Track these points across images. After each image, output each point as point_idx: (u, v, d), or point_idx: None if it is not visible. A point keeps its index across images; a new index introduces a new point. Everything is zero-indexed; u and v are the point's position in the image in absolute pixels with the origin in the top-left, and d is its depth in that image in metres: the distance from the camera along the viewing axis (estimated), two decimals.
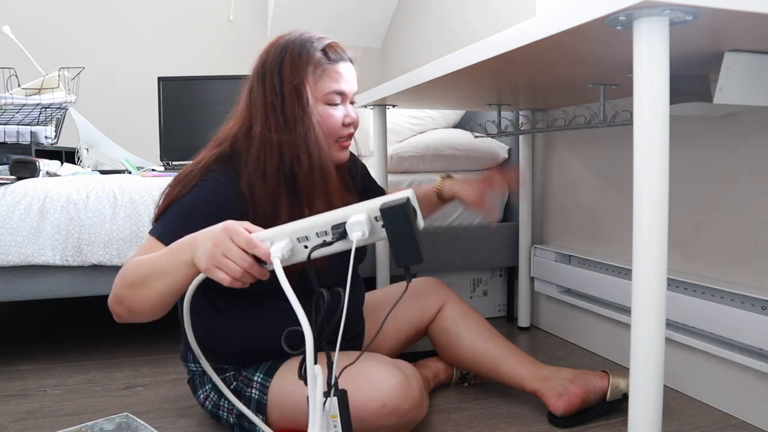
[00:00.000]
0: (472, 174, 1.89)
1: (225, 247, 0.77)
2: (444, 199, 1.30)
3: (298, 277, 0.77)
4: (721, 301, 1.16)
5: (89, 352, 1.61)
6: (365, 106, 1.58)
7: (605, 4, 0.65)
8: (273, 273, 0.76)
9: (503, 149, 1.90)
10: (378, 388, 0.94)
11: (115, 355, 1.58)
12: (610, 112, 1.25)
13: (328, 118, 1.03)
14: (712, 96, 0.87)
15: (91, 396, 1.30)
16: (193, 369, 1.10)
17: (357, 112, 1.09)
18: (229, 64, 2.95)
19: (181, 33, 3.01)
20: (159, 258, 0.85)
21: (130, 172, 1.88)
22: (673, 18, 0.66)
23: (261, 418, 1.00)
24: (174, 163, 2.16)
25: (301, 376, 0.70)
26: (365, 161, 1.30)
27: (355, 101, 1.10)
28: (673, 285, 1.26)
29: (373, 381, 0.95)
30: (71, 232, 1.41)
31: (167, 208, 0.98)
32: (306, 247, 0.78)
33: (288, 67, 1.00)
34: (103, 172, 1.89)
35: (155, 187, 1.49)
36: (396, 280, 1.63)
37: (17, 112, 1.87)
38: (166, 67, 2.82)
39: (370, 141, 1.63)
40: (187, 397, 1.26)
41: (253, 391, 1.01)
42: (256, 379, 1.02)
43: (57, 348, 1.64)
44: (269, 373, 1.02)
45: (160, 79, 2.23)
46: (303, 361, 0.70)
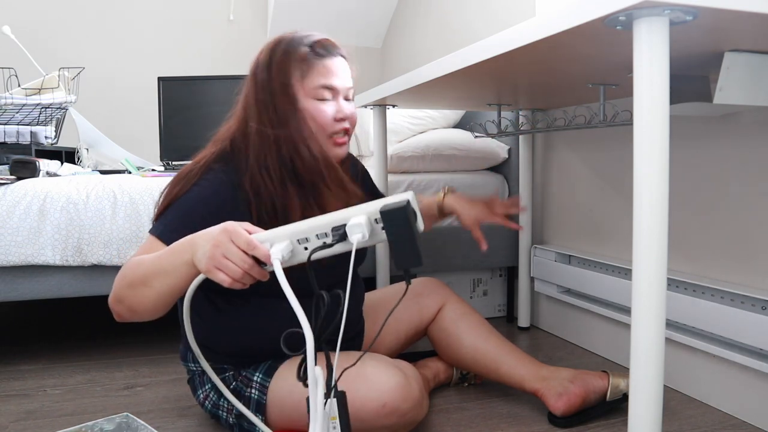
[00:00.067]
0: (471, 174, 1.89)
1: (225, 248, 0.77)
2: (444, 214, 1.32)
3: (297, 278, 0.77)
4: (721, 301, 1.16)
5: (89, 352, 1.61)
6: (365, 106, 1.58)
7: (605, 4, 0.65)
8: (273, 274, 0.76)
9: (503, 149, 1.90)
10: (378, 388, 0.94)
11: (115, 355, 1.58)
12: (610, 112, 1.25)
13: (317, 114, 1.02)
14: (712, 96, 0.87)
15: (91, 396, 1.30)
16: (193, 369, 1.10)
17: (353, 109, 1.08)
18: (229, 64, 2.96)
19: (181, 33, 3.01)
20: (159, 258, 0.85)
21: (130, 172, 1.88)
22: (673, 18, 0.66)
23: (260, 418, 1.00)
24: (174, 163, 2.16)
25: (300, 377, 0.70)
26: (365, 161, 1.30)
27: (351, 98, 1.09)
28: (673, 285, 1.26)
29: (372, 381, 0.95)
30: (71, 232, 1.41)
31: (167, 207, 0.98)
32: (306, 248, 0.78)
33: (276, 64, 1.01)
34: (103, 172, 1.89)
35: (155, 187, 1.49)
36: (396, 280, 1.63)
37: (17, 112, 1.87)
38: (166, 67, 2.82)
39: (370, 141, 1.63)
40: (187, 397, 1.26)
41: (253, 391, 1.01)
42: (255, 379, 1.02)
43: (57, 348, 1.64)
44: (269, 373, 1.02)
45: (160, 79, 2.23)
46: (302, 363, 0.70)
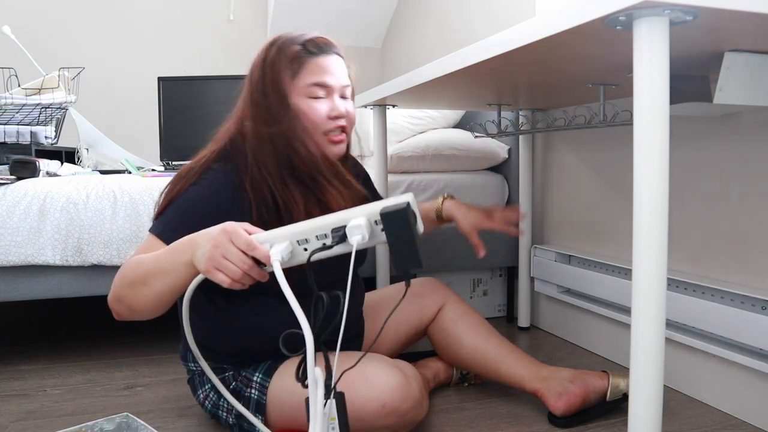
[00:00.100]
0: (471, 174, 1.89)
1: (225, 248, 0.77)
2: (442, 220, 1.32)
3: (297, 278, 0.77)
4: (721, 301, 1.16)
5: (89, 352, 1.61)
6: (365, 106, 1.58)
7: (605, 4, 0.65)
8: (272, 274, 0.76)
9: (503, 149, 1.90)
10: (377, 388, 0.94)
11: (115, 355, 1.58)
12: (610, 112, 1.25)
13: (310, 112, 1.02)
14: (712, 96, 0.87)
15: (91, 396, 1.30)
16: (193, 369, 1.10)
17: (349, 107, 1.07)
18: (229, 64, 2.96)
19: (181, 33, 3.01)
20: (159, 257, 0.85)
21: (130, 172, 1.88)
22: (673, 18, 0.66)
23: (260, 419, 1.00)
24: (174, 163, 2.16)
25: (299, 378, 0.70)
26: (365, 161, 1.30)
27: (348, 96, 1.08)
28: (673, 285, 1.26)
29: (372, 381, 0.95)
30: (71, 232, 1.41)
31: (167, 206, 0.98)
32: (306, 249, 0.77)
33: (269, 64, 1.02)
34: (103, 172, 1.89)
35: (155, 187, 1.49)
36: (396, 280, 1.63)
37: (17, 112, 1.87)
38: (166, 67, 2.82)
39: (370, 141, 1.63)
40: (187, 397, 1.26)
41: (253, 391, 1.01)
42: (255, 379, 1.02)
43: (57, 348, 1.64)
44: (268, 373, 1.02)
45: (160, 79, 2.23)
46: (300, 364, 0.70)
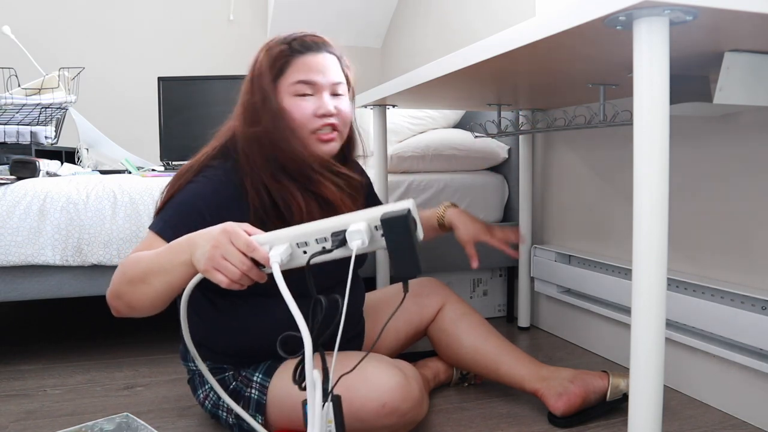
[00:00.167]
0: (471, 174, 1.89)
1: (224, 249, 0.78)
2: (444, 228, 1.32)
3: (296, 279, 0.77)
4: (721, 301, 1.16)
5: (89, 352, 1.61)
6: (365, 106, 1.58)
7: (605, 4, 0.65)
8: (271, 275, 0.76)
9: (503, 149, 1.90)
10: (377, 388, 0.94)
11: (115, 355, 1.58)
12: (610, 112, 1.25)
13: (295, 110, 1.01)
14: (712, 96, 0.87)
15: (91, 396, 1.30)
16: (193, 369, 1.10)
17: (341, 104, 1.05)
18: (229, 64, 2.95)
19: (181, 33, 3.01)
20: (158, 256, 0.86)
21: (130, 172, 1.88)
22: (673, 18, 0.66)
23: (260, 419, 1.00)
24: (174, 163, 2.16)
25: (296, 381, 0.70)
26: (365, 161, 1.30)
27: (340, 93, 1.05)
28: (673, 285, 1.26)
29: (372, 381, 0.95)
30: (71, 232, 1.41)
31: (167, 203, 0.99)
32: (305, 252, 0.77)
33: (256, 65, 1.04)
34: (103, 172, 1.89)
35: (155, 187, 1.49)
36: (396, 281, 1.63)
37: (17, 112, 1.87)
38: (166, 67, 2.82)
39: (370, 141, 1.63)
40: (187, 397, 1.26)
41: (253, 391, 1.01)
42: (255, 379, 1.02)
43: (57, 348, 1.64)
44: (268, 373, 1.02)
45: (160, 79, 2.23)
46: (297, 366, 0.70)
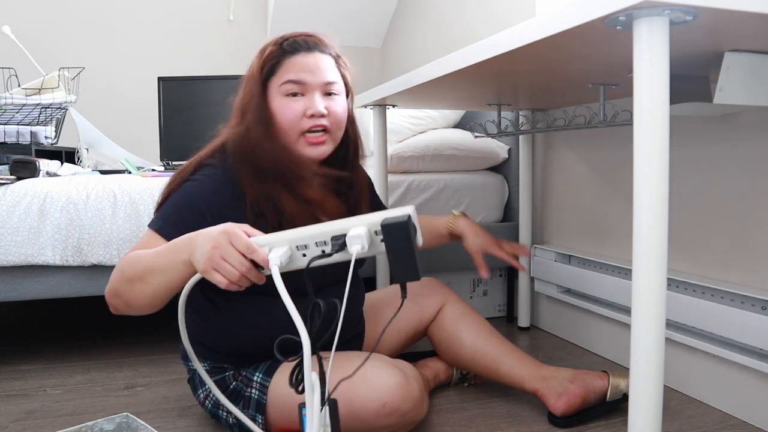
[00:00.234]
0: (471, 174, 1.89)
1: (224, 250, 0.78)
2: (453, 236, 1.32)
3: (296, 278, 0.77)
4: (721, 301, 1.16)
5: (89, 352, 1.61)
6: (365, 106, 1.58)
7: (605, 4, 0.65)
8: (270, 277, 0.76)
9: (503, 149, 1.90)
10: (378, 388, 0.94)
11: (115, 355, 1.58)
12: (610, 112, 1.25)
13: (283, 110, 1.00)
14: (712, 96, 0.87)
15: (91, 396, 1.30)
16: (193, 368, 1.10)
17: (334, 105, 1.03)
18: (229, 64, 2.95)
19: (181, 33, 3.01)
20: (158, 255, 0.86)
21: (130, 172, 1.88)
22: (673, 18, 0.66)
23: (260, 418, 1.00)
24: (174, 163, 2.16)
25: (293, 384, 0.70)
26: (365, 161, 1.30)
27: (335, 92, 1.04)
28: (673, 285, 1.26)
29: (372, 381, 0.94)
30: (71, 232, 1.41)
31: (166, 201, 0.99)
32: (304, 255, 0.77)
33: (250, 67, 1.04)
34: (103, 172, 1.89)
35: (155, 187, 1.49)
36: (395, 283, 1.63)
37: (17, 112, 1.87)
38: (166, 67, 2.82)
39: (370, 141, 1.63)
40: (187, 397, 1.26)
41: (253, 390, 1.01)
42: (255, 378, 1.02)
43: (57, 348, 1.64)
44: (269, 373, 1.02)
45: (160, 79, 2.23)
46: (294, 369, 0.70)
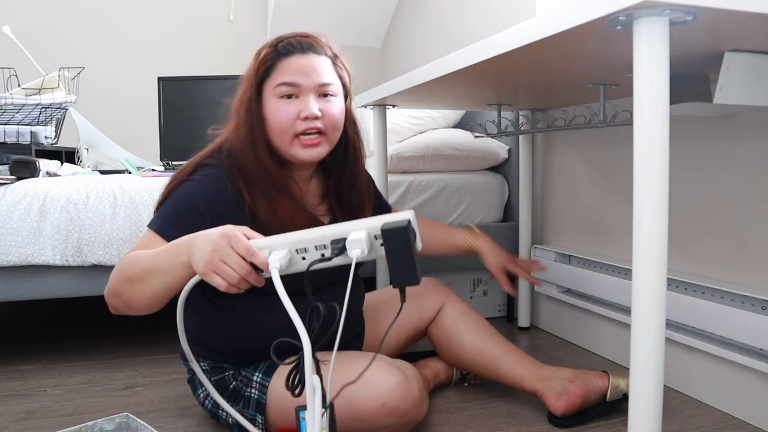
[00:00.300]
0: (471, 174, 1.89)
1: (224, 252, 0.78)
2: (467, 251, 1.34)
3: (295, 276, 0.77)
4: (721, 301, 1.16)
5: (89, 352, 1.61)
6: (365, 106, 1.58)
7: (605, 4, 0.65)
8: (269, 279, 0.76)
9: (503, 149, 1.90)
10: (377, 388, 0.94)
11: (115, 355, 1.58)
12: (610, 112, 1.25)
13: (277, 113, 1.00)
14: (712, 96, 0.87)
15: (91, 396, 1.30)
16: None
17: (329, 107, 1.02)
18: (229, 64, 2.95)
19: (181, 33, 3.01)
20: (157, 256, 0.86)
21: (130, 172, 1.88)
22: (673, 18, 0.66)
23: (260, 418, 1.00)
24: (174, 163, 2.16)
25: (289, 387, 0.70)
26: (365, 161, 1.30)
27: (332, 93, 1.03)
28: (673, 285, 1.26)
29: (372, 381, 0.94)
30: (71, 232, 1.41)
31: (166, 201, 0.99)
32: (304, 258, 0.77)
33: (247, 70, 1.04)
34: (103, 172, 1.89)
35: (155, 187, 1.49)
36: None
37: (17, 112, 1.87)
38: (166, 67, 2.82)
39: (370, 141, 1.63)
40: (187, 397, 1.26)
41: (253, 390, 1.01)
42: (255, 378, 1.02)
43: (57, 348, 1.64)
44: (268, 373, 1.02)
45: (160, 79, 2.23)
46: (291, 372, 0.70)
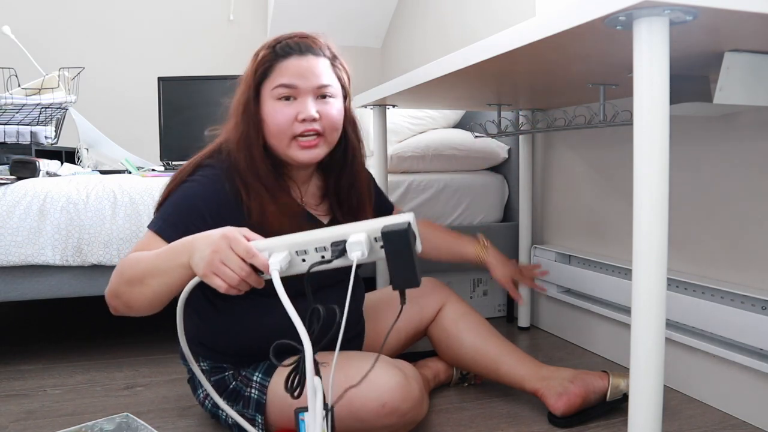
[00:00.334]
0: (471, 174, 1.89)
1: (224, 254, 0.78)
2: (473, 261, 1.33)
3: (295, 277, 0.77)
4: (721, 301, 1.16)
5: (89, 352, 1.61)
6: (365, 106, 1.58)
7: (605, 4, 0.65)
8: (270, 281, 0.76)
9: (503, 149, 1.90)
10: (377, 388, 0.94)
11: (115, 355, 1.58)
12: (610, 112, 1.25)
13: (274, 115, 1.00)
14: (712, 96, 0.87)
15: (91, 396, 1.30)
16: None
17: (328, 109, 1.01)
18: (229, 64, 2.95)
19: (181, 33, 3.01)
20: (157, 257, 0.86)
21: (130, 172, 1.88)
22: (673, 18, 0.66)
23: (260, 418, 1.00)
24: (174, 163, 2.16)
25: (288, 389, 0.70)
26: (365, 162, 1.30)
27: (330, 95, 1.02)
28: (673, 285, 1.26)
29: (372, 381, 0.94)
30: (71, 232, 1.41)
31: (166, 202, 1.00)
32: (304, 260, 0.77)
33: (246, 71, 1.04)
34: (103, 172, 1.89)
35: (155, 187, 1.49)
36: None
37: (17, 112, 1.87)
38: (166, 67, 2.82)
39: (370, 141, 1.63)
40: (187, 397, 1.26)
41: (253, 390, 1.01)
42: (255, 378, 1.02)
43: (57, 348, 1.64)
44: (268, 373, 1.02)
45: (160, 79, 2.23)
46: (290, 374, 0.70)
